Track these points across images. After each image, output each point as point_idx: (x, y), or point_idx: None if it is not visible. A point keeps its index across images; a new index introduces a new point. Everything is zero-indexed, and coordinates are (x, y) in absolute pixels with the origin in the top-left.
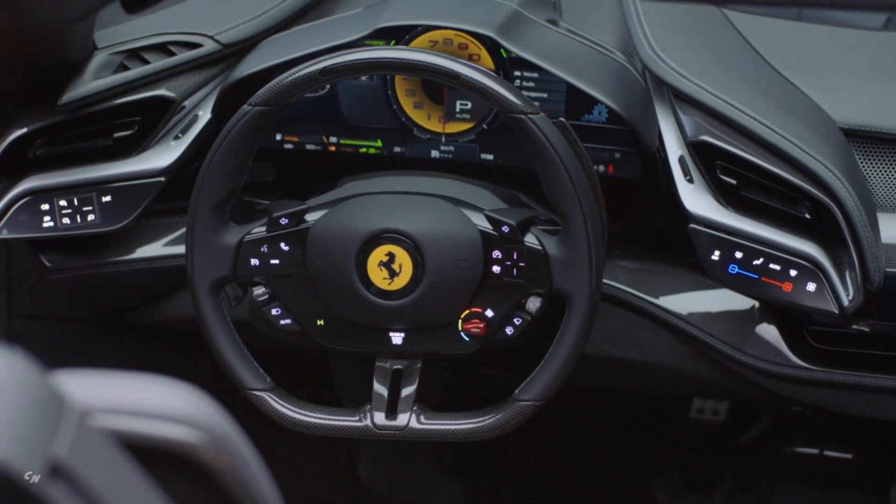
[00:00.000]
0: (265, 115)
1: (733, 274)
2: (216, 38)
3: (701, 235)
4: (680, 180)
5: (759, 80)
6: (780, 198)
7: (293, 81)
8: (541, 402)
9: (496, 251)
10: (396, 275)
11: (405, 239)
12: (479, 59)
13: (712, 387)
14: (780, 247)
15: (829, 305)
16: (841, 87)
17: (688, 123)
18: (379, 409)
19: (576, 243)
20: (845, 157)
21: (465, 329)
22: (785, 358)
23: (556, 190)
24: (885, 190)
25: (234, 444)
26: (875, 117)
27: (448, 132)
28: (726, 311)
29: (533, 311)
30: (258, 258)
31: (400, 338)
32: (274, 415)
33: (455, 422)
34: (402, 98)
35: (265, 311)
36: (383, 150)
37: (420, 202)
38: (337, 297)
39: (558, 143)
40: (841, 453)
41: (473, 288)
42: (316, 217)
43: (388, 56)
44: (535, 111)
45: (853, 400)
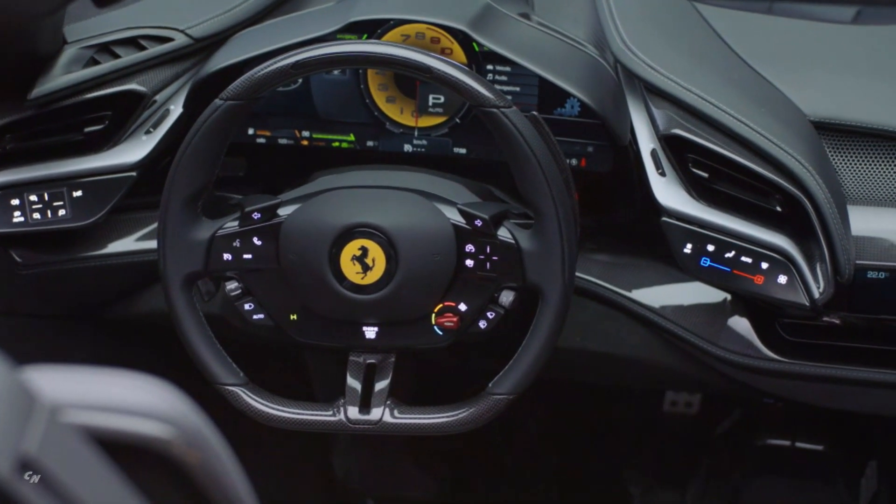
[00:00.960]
0: (237, 109)
1: (705, 267)
2: (187, 33)
3: (673, 228)
4: (652, 174)
5: (731, 73)
6: (751, 191)
7: (265, 75)
8: (514, 395)
9: (469, 245)
10: (370, 269)
11: (378, 233)
12: (452, 53)
13: (685, 379)
14: (752, 240)
15: (801, 298)
16: (811, 81)
17: (660, 117)
18: (352, 403)
19: (548, 237)
20: (816, 150)
21: (438, 323)
22: (757, 350)
23: (529, 184)
24: (855, 183)
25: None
26: (845, 110)
27: (421, 126)
28: (699, 304)
29: (506, 304)
30: (231, 253)
31: (373, 332)
32: (247, 409)
33: (428, 416)
34: (375, 92)
35: (238, 305)
36: (356, 145)
37: (393, 196)
38: (310, 292)
39: (531, 137)
40: (812, 445)
41: (446, 282)
42: (289, 211)
43: (360, 50)
44: (507, 105)
45: (824, 392)
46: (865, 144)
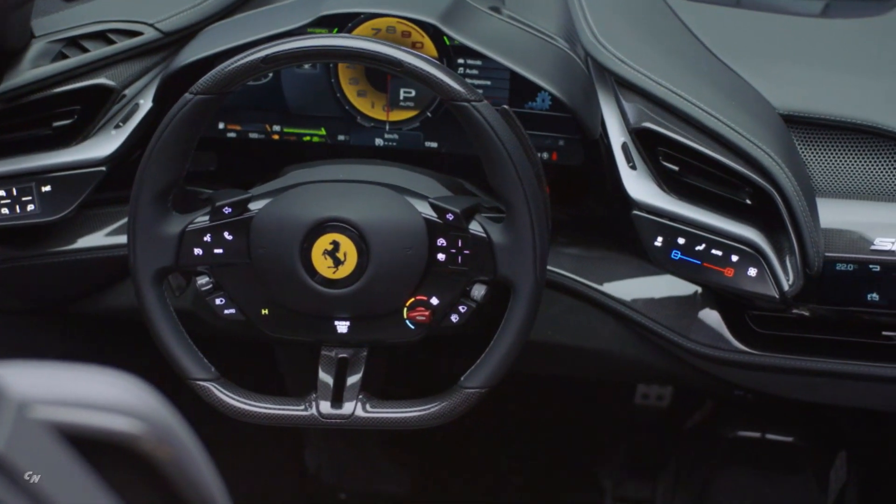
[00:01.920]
0: (207, 103)
1: (676, 260)
2: (157, 27)
3: (644, 222)
4: (623, 167)
5: (700, 67)
6: (721, 184)
7: (235, 69)
8: (486, 389)
9: (441, 239)
10: (341, 263)
11: (349, 227)
12: (423, 47)
13: (656, 372)
14: (722, 232)
15: (770, 290)
16: (780, 74)
17: (630, 110)
18: (324, 397)
19: (520, 230)
20: (785, 143)
21: (410, 317)
22: (727, 343)
23: (500, 177)
24: (824, 175)
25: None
26: (814, 103)
27: (392, 120)
28: (669, 297)
29: (478, 298)
30: (201, 247)
31: (345, 326)
32: (218, 404)
33: (401, 410)
34: (346, 86)
35: (209, 300)
36: (327, 139)
37: (364, 190)
38: (281, 287)
39: (502, 131)
40: (782, 437)
41: (418, 276)
42: (259, 206)
43: (330, 44)
44: (478, 99)
45: (794, 384)
46: (834, 137)
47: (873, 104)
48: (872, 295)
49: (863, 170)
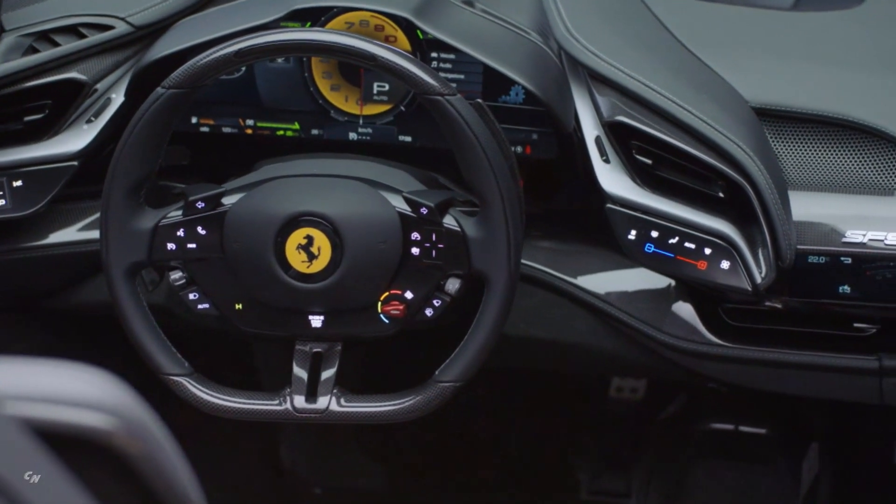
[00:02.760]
0: (179, 97)
1: (649, 253)
2: (128, 20)
3: (617, 215)
4: (596, 160)
5: (673, 60)
6: (694, 177)
7: (208, 64)
8: (461, 383)
9: (415, 233)
10: (315, 258)
11: (323, 222)
12: (396, 41)
13: (630, 365)
14: (695, 225)
15: (743, 283)
16: (752, 67)
17: (603, 104)
18: (299, 392)
19: (494, 224)
20: (757, 136)
21: (384, 311)
22: (700, 335)
23: (474, 171)
24: (796, 168)
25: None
26: (785, 97)
27: (366, 114)
28: (643, 290)
29: (452, 292)
30: (174, 242)
31: (319, 321)
32: (192, 400)
33: (375, 404)
34: (319, 80)
35: (182, 295)
36: (301, 133)
37: (338, 185)
38: (255, 281)
39: (475, 125)
40: (755, 429)
41: (392, 270)
42: (233, 200)
43: (303, 38)
44: (451, 92)
45: (766, 376)
46: (806, 130)
47: (845, 97)
48: (844, 287)
49: (834, 162)
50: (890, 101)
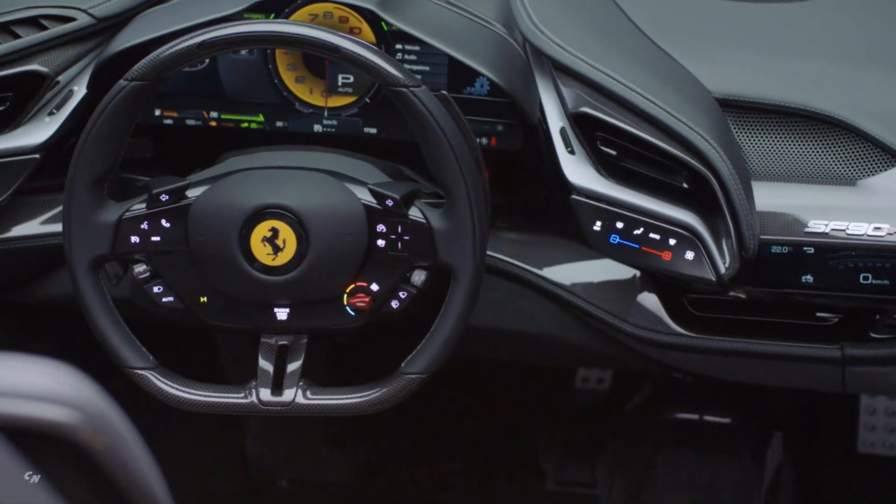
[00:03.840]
0: (142, 89)
1: (615, 244)
2: (90, 12)
3: (582, 206)
4: (561, 152)
5: (637, 51)
6: (658, 168)
7: (171, 56)
8: (427, 374)
9: (380, 225)
10: (280, 250)
11: (288, 214)
12: (360, 33)
13: (596, 356)
14: (660, 216)
15: (707, 273)
16: (716, 58)
17: (568, 95)
18: (264, 385)
19: (459, 216)
20: (721, 126)
21: (350, 303)
22: (665, 326)
23: (439, 163)
24: (759, 159)
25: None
26: (749, 87)
27: (331, 106)
28: (608, 281)
29: (418, 284)
30: (138, 235)
31: (285, 313)
32: (157, 393)
33: (341, 396)
34: (284, 72)
35: (146, 288)
36: (265, 125)
37: (303, 177)
38: (220, 274)
39: (440, 116)
40: (720, 418)
41: (358, 262)
42: (197, 193)
43: (267, 30)
44: (416, 84)
45: (730, 365)
46: (769, 121)
47: (808, 87)
48: (807, 277)
49: (797, 153)
50: (852, 92)
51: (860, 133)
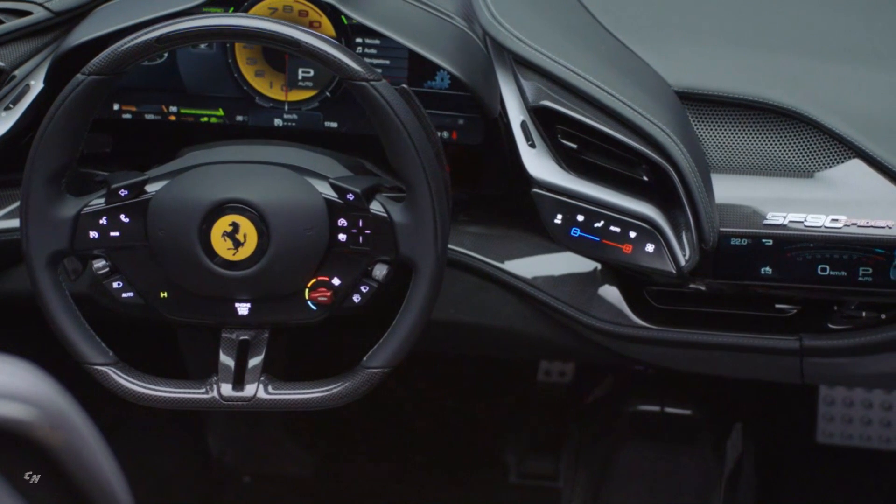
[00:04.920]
0: (100, 84)
1: (576, 237)
2: (46, 6)
3: (543, 199)
4: (522, 145)
5: (597, 45)
6: (619, 161)
7: (129, 50)
8: (389, 368)
9: (341, 219)
10: (241, 245)
11: (249, 209)
12: (320, 27)
13: (558, 349)
14: (620, 209)
15: (667, 265)
16: (675, 52)
17: (529, 89)
18: (226, 380)
19: (420, 210)
20: (680, 119)
21: (311, 298)
22: (626, 318)
23: (400, 157)
24: (719, 151)
25: (71, 420)
26: (708, 80)
27: (291, 100)
28: (570, 274)
29: (380, 278)
30: (97, 231)
31: (246, 308)
32: (117, 389)
33: (303, 391)
34: (243, 66)
35: (106, 284)
36: (225, 120)
37: (263, 171)
38: (180, 269)
39: (401, 110)
40: (681, 410)
41: (319, 256)
42: (157, 188)
43: (226, 24)
44: (376, 78)
45: (691, 357)
46: (728, 113)
47: (765, 80)
48: (766, 269)
49: (756, 145)
50: (810, 84)
51: (818, 126)
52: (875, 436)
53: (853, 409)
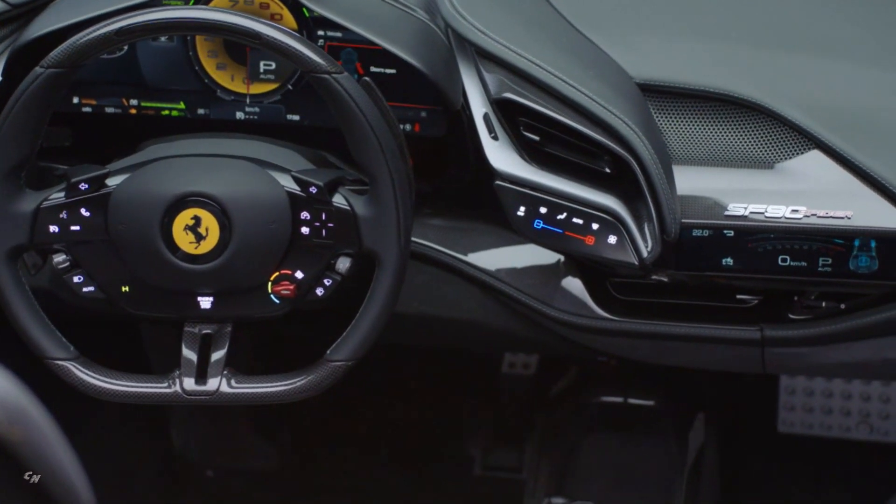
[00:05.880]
0: (59, 77)
1: (539, 229)
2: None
3: (506, 192)
4: (485, 138)
5: (559, 37)
6: (581, 153)
7: (87, 42)
8: (353, 361)
9: (304, 212)
10: (203, 238)
11: (211, 202)
12: (282, 19)
13: (521, 341)
14: (583, 201)
15: (630, 257)
16: (637, 44)
17: (491, 81)
18: (188, 374)
19: (383, 203)
20: (642, 111)
21: (274, 291)
22: (589, 310)
23: (363, 150)
24: (680, 143)
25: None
26: (670, 73)
27: (253, 93)
28: (533, 266)
29: (343, 271)
30: (57, 225)
31: (208, 302)
32: (78, 384)
33: (266, 384)
34: (205, 59)
35: (66, 278)
36: (186, 113)
37: (225, 165)
38: (142, 263)
39: (363, 103)
40: (644, 401)
41: (282, 250)
42: (117, 181)
43: (186, 16)
44: (338, 71)
45: (653, 348)
46: (689, 105)
47: (726, 72)
48: (727, 259)
49: (717, 137)
50: (771, 76)
51: (778, 117)
52: (835, 424)
53: (813, 398)
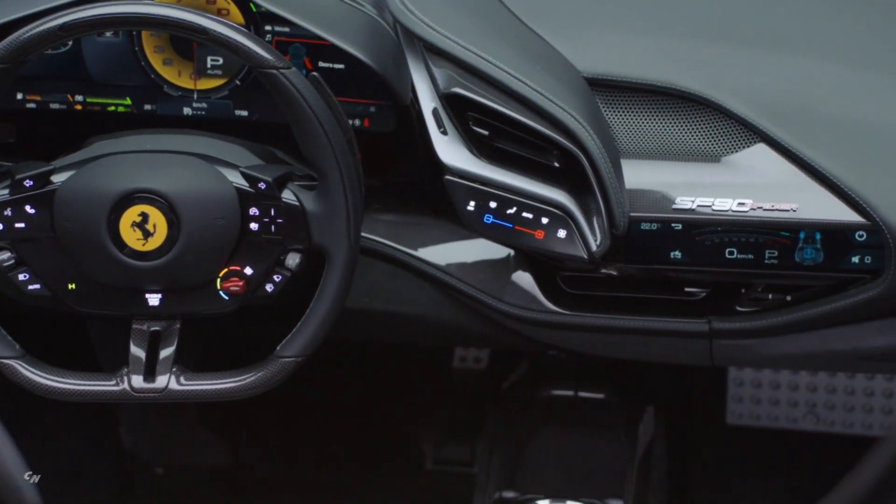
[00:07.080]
0: (2, 73)
1: (488, 224)
2: None
3: (456, 187)
4: (434, 133)
5: (508, 32)
6: (530, 147)
7: (30, 38)
8: (302, 357)
9: (253, 208)
10: (151, 235)
11: (158, 198)
12: (228, 14)
13: (472, 335)
14: (532, 195)
15: (579, 251)
16: (585, 38)
17: (439, 76)
18: (136, 372)
19: (333, 198)
20: (590, 106)
21: (223, 288)
22: (539, 304)
23: (312, 145)
24: (628, 137)
25: None
26: (617, 67)
27: (200, 89)
28: (483, 261)
29: (293, 267)
30: (1, 222)
31: (157, 299)
32: (25, 383)
33: (215, 381)
34: (151, 54)
35: (11, 276)
36: (133, 109)
37: (173, 161)
38: (89, 260)
39: (311, 98)
40: (594, 394)
41: (231, 246)
42: (63, 178)
43: (131, 11)
44: (286, 66)
45: (603, 342)
46: (637, 99)
47: (673, 66)
48: (675, 253)
49: (664, 131)
50: (717, 70)
51: (724, 111)
52: (782, 416)
53: (761, 390)
